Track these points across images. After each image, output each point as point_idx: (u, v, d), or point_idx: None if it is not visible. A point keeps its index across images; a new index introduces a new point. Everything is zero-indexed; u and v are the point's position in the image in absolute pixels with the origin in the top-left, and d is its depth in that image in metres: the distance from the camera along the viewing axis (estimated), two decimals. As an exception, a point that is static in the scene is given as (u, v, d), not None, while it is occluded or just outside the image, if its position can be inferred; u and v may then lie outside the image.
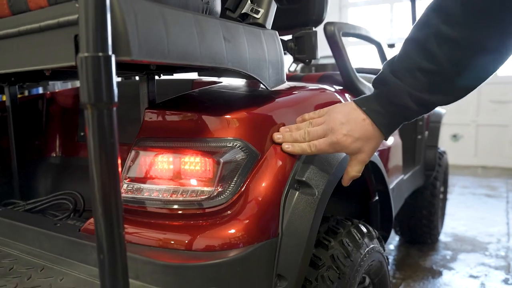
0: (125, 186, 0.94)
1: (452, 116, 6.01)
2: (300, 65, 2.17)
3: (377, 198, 1.49)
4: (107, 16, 0.58)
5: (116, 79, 0.60)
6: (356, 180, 1.42)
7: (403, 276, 2.40)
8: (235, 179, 0.90)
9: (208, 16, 0.84)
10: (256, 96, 1.11)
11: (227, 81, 1.39)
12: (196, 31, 0.77)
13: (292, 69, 1.56)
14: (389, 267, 2.47)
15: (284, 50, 1.44)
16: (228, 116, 0.95)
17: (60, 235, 0.92)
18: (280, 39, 1.39)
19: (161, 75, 1.20)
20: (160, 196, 0.90)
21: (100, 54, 0.58)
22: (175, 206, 0.89)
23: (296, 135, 0.96)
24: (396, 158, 1.89)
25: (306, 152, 0.96)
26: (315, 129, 0.95)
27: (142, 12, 0.67)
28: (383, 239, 1.53)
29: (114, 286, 0.61)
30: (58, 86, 2.84)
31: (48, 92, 1.68)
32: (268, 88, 1.00)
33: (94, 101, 0.58)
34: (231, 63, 0.86)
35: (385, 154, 1.76)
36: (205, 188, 0.88)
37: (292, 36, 1.42)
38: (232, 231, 0.84)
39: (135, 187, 0.93)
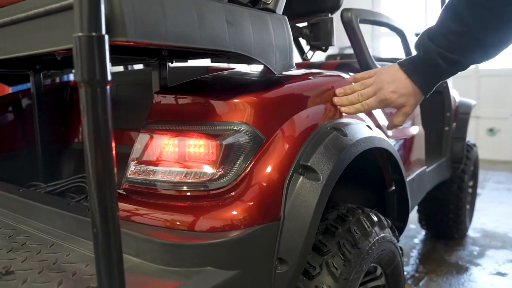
0: (132, 167, 0.97)
1: (489, 109, 5.79)
2: (323, 54, 2.14)
3: (394, 188, 1.46)
4: (101, -3, 0.60)
5: (137, 66, 0.62)
6: (372, 168, 1.40)
7: (426, 270, 2.35)
8: (238, 162, 0.90)
9: (210, -1, 0.84)
10: (265, 81, 1.10)
11: (240, 68, 1.39)
12: (196, 13, 0.78)
13: (309, 56, 1.55)
14: (412, 260, 2.43)
15: (299, 37, 1.43)
16: (234, 100, 0.95)
17: (71, 214, 0.96)
18: (295, 25, 1.38)
19: (174, 61, 1.22)
20: (165, 177, 0.92)
21: (94, 34, 0.59)
22: (179, 188, 0.90)
23: (352, 98, 1.11)
24: (418, 149, 1.84)
25: (360, 111, 1.12)
26: (366, 91, 1.10)
27: (139, -6, 0.68)
28: (399, 230, 1.51)
29: (108, 259, 0.63)
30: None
31: (72, 80, 1.74)
32: (275, 72, 0.99)
33: (87, 79, 0.60)
34: (234, 46, 0.86)
35: (405, 143, 1.72)
36: (208, 170, 0.89)
37: (308, 23, 1.40)
38: (233, 213, 0.85)
39: (141, 169, 0.95)
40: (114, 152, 0.63)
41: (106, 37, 0.61)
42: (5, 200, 1.14)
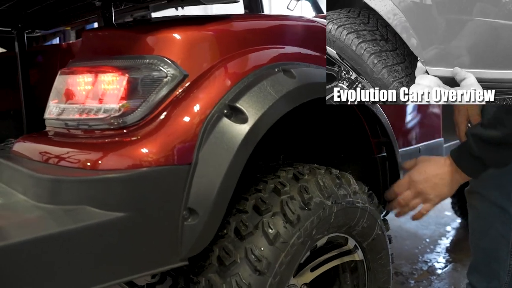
0: (52, 108, 0.91)
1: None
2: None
3: (384, 154, 1.28)
4: None
5: None
6: (358, 130, 1.24)
7: (452, 259, 2.10)
8: (150, 98, 0.81)
9: None
10: (206, 19, 0.98)
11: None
12: None
13: (291, 7, 1.38)
14: (438, 248, 2.18)
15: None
16: (155, 34, 0.86)
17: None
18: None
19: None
20: (75, 116, 0.84)
21: None
22: (86, 125, 0.83)
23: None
24: (430, 115, 1.62)
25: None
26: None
27: None
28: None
29: None
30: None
31: (64, 43, 1.73)
32: (204, 3, 0.88)
33: None
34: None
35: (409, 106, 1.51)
36: (114, 106, 0.80)
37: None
38: (130, 151, 0.76)
39: (57, 108, 0.89)
40: None
41: None
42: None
